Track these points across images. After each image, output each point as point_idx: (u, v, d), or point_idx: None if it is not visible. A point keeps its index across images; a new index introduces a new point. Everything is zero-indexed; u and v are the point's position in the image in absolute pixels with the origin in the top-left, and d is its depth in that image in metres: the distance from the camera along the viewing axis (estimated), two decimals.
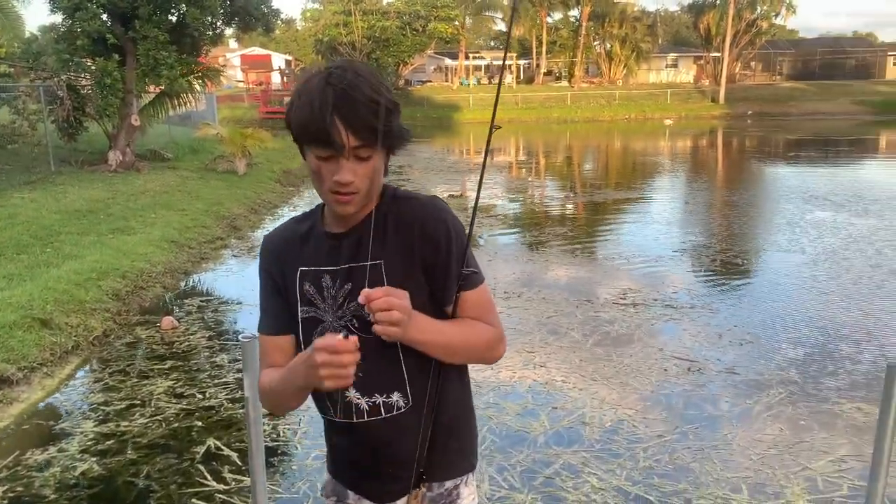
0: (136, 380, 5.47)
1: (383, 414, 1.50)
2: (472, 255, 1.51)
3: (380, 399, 1.50)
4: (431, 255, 1.46)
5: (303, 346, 1.53)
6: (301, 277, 1.52)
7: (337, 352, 1.28)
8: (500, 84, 1.70)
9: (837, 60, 55.69)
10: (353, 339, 1.28)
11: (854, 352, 5.80)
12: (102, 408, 5.00)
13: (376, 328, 1.29)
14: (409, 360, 1.47)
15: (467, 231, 1.49)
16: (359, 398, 1.50)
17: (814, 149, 25.18)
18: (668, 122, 37.46)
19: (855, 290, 7.48)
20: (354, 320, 1.45)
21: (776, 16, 48.34)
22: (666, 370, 5.45)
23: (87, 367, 5.81)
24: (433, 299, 1.48)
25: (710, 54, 51.53)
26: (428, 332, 1.40)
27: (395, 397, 1.50)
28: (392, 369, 1.48)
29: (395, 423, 1.50)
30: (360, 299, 1.29)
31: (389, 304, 1.29)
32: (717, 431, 4.50)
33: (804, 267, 8.49)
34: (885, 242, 9.55)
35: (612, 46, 52.09)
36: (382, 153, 1.42)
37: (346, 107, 1.33)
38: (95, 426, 4.71)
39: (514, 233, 11.49)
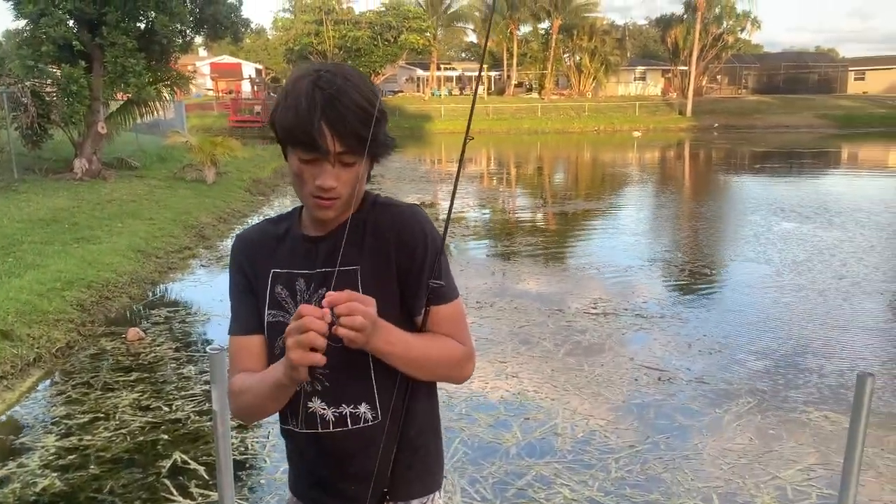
0: (100, 392, 5.35)
1: (349, 426, 1.46)
2: (448, 270, 1.49)
3: (347, 410, 1.45)
4: (406, 262, 1.43)
5: (268, 352, 1.49)
6: (273, 279, 1.49)
7: (300, 315, 1.23)
8: (474, 96, 1.69)
9: (801, 75, 56.90)
10: (326, 310, 1.23)
11: (820, 361, 5.87)
12: (65, 421, 4.88)
13: (338, 331, 1.24)
14: (379, 371, 1.42)
15: (442, 250, 1.46)
16: (325, 408, 1.46)
17: (779, 161, 25.63)
18: (636, 134, 37.92)
19: (821, 301, 7.59)
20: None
21: (742, 30, 49.27)
22: (637, 380, 5.47)
23: (50, 380, 5.67)
24: (406, 308, 1.45)
25: (678, 68, 52.32)
26: (394, 342, 1.35)
27: (363, 409, 1.45)
28: (361, 380, 1.45)
29: (360, 435, 1.46)
30: (324, 302, 1.24)
31: (351, 310, 1.24)
32: (687, 441, 4.52)
33: (771, 277, 8.60)
34: (849, 254, 9.72)
35: (581, 59, 52.64)
36: (366, 160, 1.39)
37: (334, 112, 1.31)
38: (57, 440, 4.59)
39: (485, 242, 11.50)
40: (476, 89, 1.78)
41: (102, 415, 4.95)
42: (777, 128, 42.02)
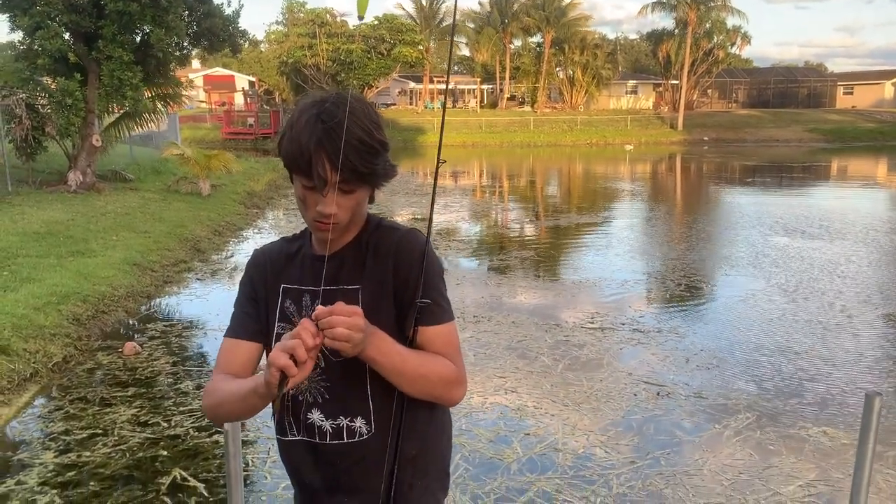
0: (97, 407, 5.32)
1: (345, 439, 1.50)
2: (445, 294, 1.54)
3: (344, 422, 1.50)
4: (402, 283, 1.49)
5: None
6: (283, 294, 1.56)
7: (299, 326, 1.28)
8: (442, 125, 1.75)
9: (790, 89, 57.42)
10: (315, 328, 1.28)
11: (816, 376, 5.90)
12: (63, 437, 4.84)
13: (325, 341, 1.29)
14: (376, 386, 1.46)
15: (423, 271, 1.49)
16: (322, 420, 1.50)
17: (771, 175, 25.80)
18: (628, 147, 38.14)
19: (819, 317, 7.62)
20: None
21: (732, 45, 49.70)
22: (636, 395, 5.48)
23: (47, 395, 5.63)
24: (400, 328, 1.48)
25: (669, 82, 52.72)
26: (386, 353, 1.39)
27: (359, 423, 1.49)
28: (357, 394, 1.48)
29: (355, 449, 1.49)
30: (312, 315, 1.29)
31: (331, 322, 1.27)
32: (687, 457, 4.53)
33: (767, 292, 8.64)
34: (848, 270, 9.77)
35: (573, 73, 52.96)
36: (366, 188, 1.49)
37: (332, 145, 1.37)
38: (55, 457, 4.56)
39: (480, 256, 11.51)
40: (443, 122, 1.81)
41: (101, 430, 4.92)
42: (768, 141, 42.35)
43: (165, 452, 4.61)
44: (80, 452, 4.60)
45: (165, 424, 5.02)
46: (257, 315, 1.58)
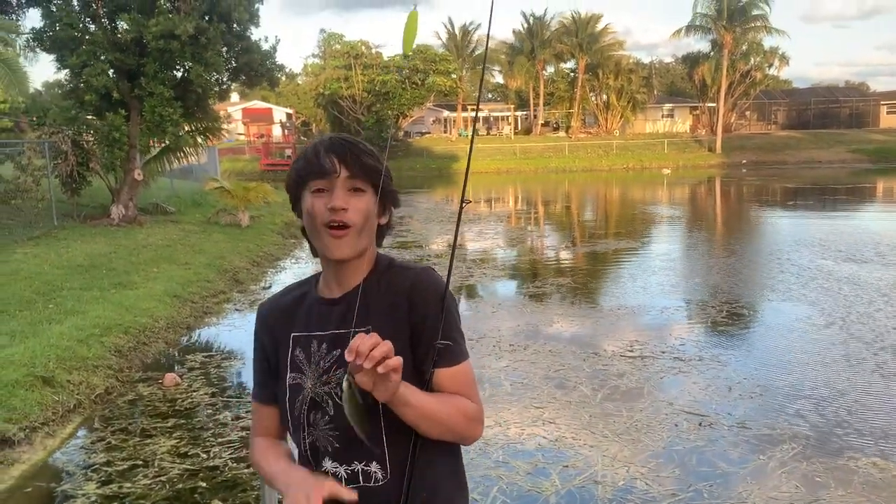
0: (138, 438, 5.38)
1: (361, 483, 1.47)
2: (460, 331, 1.50)
3: (359, 467, 1.47)
4: (419, 323, 1.45)
5: (289, 413, 1.52)
6: (293, 343, 1.54)
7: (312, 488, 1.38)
8: (468, 167, 1.73)
9: (831, 109, 56.46)
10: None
11: (864, 406, 5.72)
12: (105, 468, 4.91)
13: (357, 379, 1.27)
14: (391, 430, 1.44)
15: (444, 312, 1.46)
16: (337, 467, 1.48)
17: (813, 197, 25.34)
18: (665, 171, 37.82)
19: (866, 343, 7.41)
20: (339, 388, 1.38)
21: (770, 66, 49.25)
22: (677, 425, 5.37)
23: (89, 426, 5.72)
24: (417, 370, 1.46)
25: (706, 104, 52.31)
26: (410, 400, 1.37)
27: (374, 468, 1.47)
28: (371, 438, 1.44)
29: (372, 494, 1.46)
30: (347, 356, 1.25)
31: (382, 353, 1.24)
32: (731, 489, 4.41)
33: (811, 318, 8.43)
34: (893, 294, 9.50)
35: (608, 97, 52.90)
36: (374, 196, 1.46)
37: (340, 146, 1.45)
38: (98, 488, 4.62)
39: (516, 283, 11.46)
40: (469, 159, 1.79)
41: (141, 462, 4.97)
42: (809, 163, 41.71)
43: (204, 484, 4.64)
44: (121, 483, 4.66)
45: (204, 456, 5.05)
46: (271, 373, 1.59)
